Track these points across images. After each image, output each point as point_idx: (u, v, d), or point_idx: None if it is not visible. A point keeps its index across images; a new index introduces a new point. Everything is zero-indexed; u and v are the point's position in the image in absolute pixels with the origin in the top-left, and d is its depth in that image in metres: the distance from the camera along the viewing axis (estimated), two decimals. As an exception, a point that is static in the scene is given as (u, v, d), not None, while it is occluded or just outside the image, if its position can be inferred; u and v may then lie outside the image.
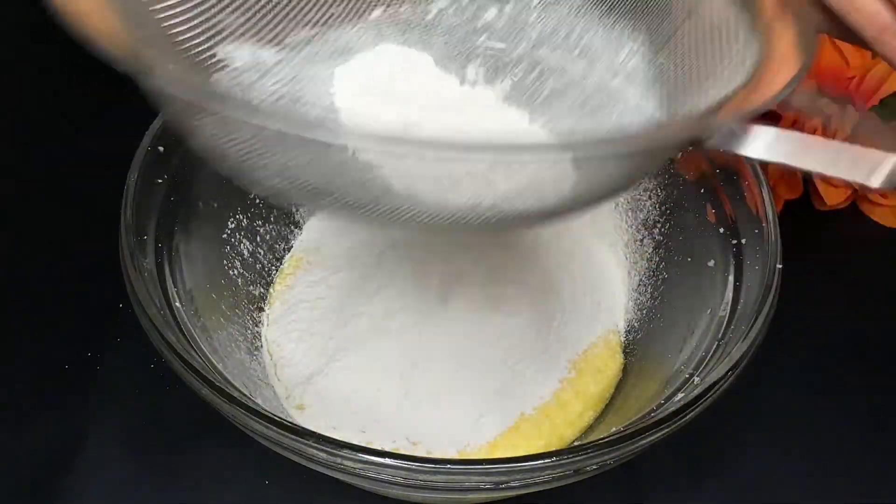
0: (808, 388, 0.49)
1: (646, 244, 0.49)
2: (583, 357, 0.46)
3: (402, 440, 0.42)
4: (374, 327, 0.46)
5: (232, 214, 0.47)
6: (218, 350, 0.40)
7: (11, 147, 0.59)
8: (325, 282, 0.49)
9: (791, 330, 0.50)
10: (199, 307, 0.41)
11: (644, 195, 0.49)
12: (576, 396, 0.44)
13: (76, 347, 0.48)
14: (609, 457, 0.33)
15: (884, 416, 0.48)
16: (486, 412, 0.43)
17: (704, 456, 0.46)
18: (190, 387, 0.35)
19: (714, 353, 0.38)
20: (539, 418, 0.43)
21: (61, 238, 0.54)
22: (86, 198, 0.55)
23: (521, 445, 0.42)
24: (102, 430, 0.46)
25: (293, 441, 0.33)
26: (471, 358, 0.45)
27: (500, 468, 0.33)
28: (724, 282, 0.42)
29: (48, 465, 0.44)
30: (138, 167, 0.41)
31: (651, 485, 0.45)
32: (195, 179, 0.44)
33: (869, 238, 0.57)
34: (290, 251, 0.51)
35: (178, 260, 0.41)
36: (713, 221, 0.44)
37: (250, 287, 0.48)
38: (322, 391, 0.44)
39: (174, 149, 0.43)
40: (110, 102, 0.61)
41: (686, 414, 0.35)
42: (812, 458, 0.46)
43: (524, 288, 0.48)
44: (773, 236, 0.40)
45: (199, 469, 0.45)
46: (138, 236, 0.39)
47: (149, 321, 0.36)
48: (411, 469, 0.32)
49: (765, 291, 0.38)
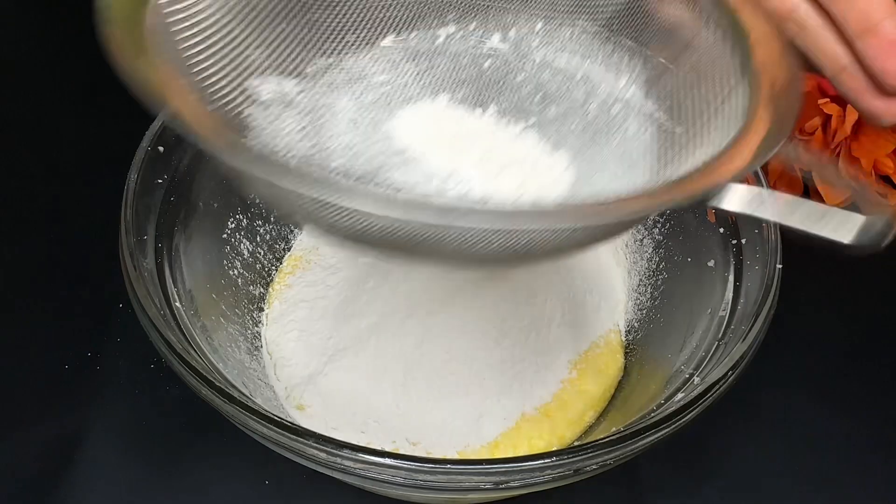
0: (808, 388, 0.49)
1: (646, 244, 0.49)
2: (584, 357, 0.46)
3: (401, 440, 0.42)
4: (374, 327, 0.46)
5: (232, 214, 0.47)
6: (218, 350, 0.40)
7: (11, 147, 0.59)
8: (324, 281, 0.49)
9: (791, 330, 0.50)
10: (199, 307, 0.41)
11: (644, 195, 0.49)
12: (577, 397, 0.44)
13: (76, 347, 0.48)
14: (609, 457, 0.33)
15: (884, 416, 0.48)
16: (485, 413, 0.43)
17: (704, 456, 0.46)
18: (190, 387, 0.35)
19: (714, 353, 0.38)
20: (540, 418, 0.43)
21: (61, 238, 0.54)
22: (86, 198, 0.55)
23: (521, 446, 0.42)
24: (102, 430, 0.46)
25: (293, 441, 0.33)
26: (471, 358, 0.45)
27: (500, 468, 0.33)
28: (724, 282, 0.42)
29: (48, 465, 0.44)
30: (138, 167, 0.41)
31: (651, 485, 0.45)
32: (195, 179, 0.44)
33: (869, 238, 0.57)
34: (289, 251, 0.51)
35: (178, 260, 0.41)
36: (713, 221, 0.44)
37: (250, 287, 0.48)
38: (322, 391, 0.44)
39: (174, 149, 0.43)
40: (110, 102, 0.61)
41: (686, 414, 0.35)
42: (812, 458, 0.46)
43: (524, 288, 0.48)
44: (773, 236, 0.40)
45: (199, 469, 0.44)
46: (138, 236, 0.39)
47: (149, 321, 0.36)
48: (411, 469, 0.32)
49: (765, 291, 0.38)
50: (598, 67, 0.39)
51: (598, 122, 0.38)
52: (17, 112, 0.62)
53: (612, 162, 0.36)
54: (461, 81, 0.40)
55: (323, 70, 0.38)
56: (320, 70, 0.38)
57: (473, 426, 0.43)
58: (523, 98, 0.39)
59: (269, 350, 0.46)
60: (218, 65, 0.34)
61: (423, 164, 0.36)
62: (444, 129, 0.38)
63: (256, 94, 0.35)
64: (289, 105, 0.36)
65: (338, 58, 0.38)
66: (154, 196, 0.41)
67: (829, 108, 0.53)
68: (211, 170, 0.45)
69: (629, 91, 0.38)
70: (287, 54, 0.37)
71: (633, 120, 0.37)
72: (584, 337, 0.47)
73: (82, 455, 0.45)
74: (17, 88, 0.63)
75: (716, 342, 0.39)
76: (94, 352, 0.48)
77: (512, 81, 0.40)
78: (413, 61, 0.39)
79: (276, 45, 0.36)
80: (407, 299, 0.46)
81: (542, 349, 0.46)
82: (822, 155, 0.52)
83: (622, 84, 0.38)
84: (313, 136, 0.36)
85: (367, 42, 0.39)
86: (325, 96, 0.38)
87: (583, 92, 0.39)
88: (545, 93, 0.39)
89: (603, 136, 0.38)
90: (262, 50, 0.36)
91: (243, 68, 0.35)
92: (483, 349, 0.45)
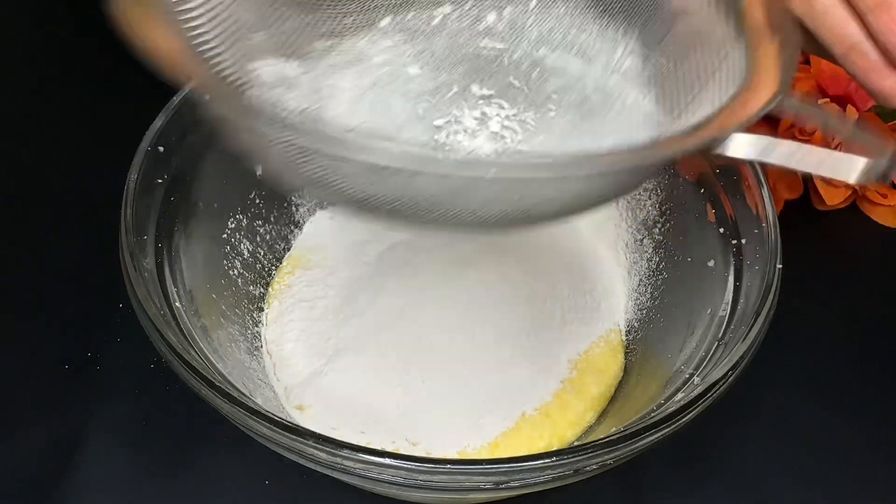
0: (808, 388, 0.49)
1: (646, 244, 0.49)
2: (584, 357, 0.46)
3: (401, 441, 0.42)
4: (373, 328, 0.46)
5: (232, 214, 0.47)
6: (218, 350, 0.40)
7: (11, 147, 0.59)
8: (323, 281, 0.49)
9: (791, 330, 0.50)
10: (199, 307, 0.41)
11: (644, 195, 0.49)
12: (577, 397, 0.44)
13: (76, 347, 0.48)
14: (609, 457, 0.33)
15: (884, 416, 0.48)
16: (486, 413, 0.43)
17: (704, 456, 0.46)
18: (190, 387, 0.35)
19: (714, 353, 0.38)
20: (540, 419, 0.43)
21: (61, 238, 0.54)
22: (86, 198, 0.55)
23: (522, 446, 0.42)
24: (102, 430, 0.46)
25: (293, 441, 0.33)
26: (471, 359, 0.45)
27: (500, 468, 0.33)
28: (724, 282, 0.42)
29: (48, 465, 0.44)
30: (138, 167, 0.41)
31: (651, 485, 0.45)
32: (195, 179, 0.44)
33: (869, 238, 0.57)
34: (289, 251, 0.51)
35: (178, 260, 0.41)
36: (713, 221, 0.44)
37: (250, 287, 0.48)
38: (321, 391, 0.44)
39: (174, 149, 0.43)
40: (110, 102, 0.61)
41: (686, 414, 0.35)
42: (812, 458, 0.46)
43: (525, 288, 0.48)
44: (773, 236, 0.40)
45: (199, 469, 0.44)
46: (138, 236, 0.39)
47: (149, 321, 0.36)
48: (411, 469, 0.32)
49: (765, 291, 0.38)
50: (593, 39, 0.39)
51: (597, 94, 0.39)
52: (17, 112, 0.62)
53: (613, 130, 0.37)
54: (459, 60, 0.40)
55: (324, 52, 0.38)
56: (321, 52, 0.38)
57: (473, 426, 0.43)
58: (521, 75, 0.40)
59: (268, 350, 0.46)
60: (221, 46, 0.34)
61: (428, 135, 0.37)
62: (442, 109, 0.39)
63: (258, 77, 0.35)
64: (290, 87, 0.37)
65: (337, 40, 0.39)
66: (154, 196, 0.41)
67: (829, 108, 0.53)
68: (211, 170, 0.45)
69: (626, 62, 0.38)
70: (287, 37, 0.37)
71: (631, 89, 0.38)
72: (584, 337, 0.47)
73: (82, 455, 0.45)
74: (17, 88, 0.63)
75: (716, 342, 0.39)
76: (94, 352, 0.48)
77: (510, 59, 0.40)
78: (411, 42, 0.40)
79: (277, 27, 0.37)
80: (407, 300, 0.46)
81: (542, 350, 0.46)
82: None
83: (619, 55, 0.39)
84: (316, 116, 0.37)
85: (366, 25, 0.39)
86: (326, 78, 0.38)
87: (580, 65, 0.40)
88: (542, 68, 0.40)
89: (602, 107, 0.38)
90: (264, 32, 0.36)
91: (245, 50, 0.35)
92: (484, 350, 0.45)
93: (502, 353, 0.45)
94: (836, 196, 0.55)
